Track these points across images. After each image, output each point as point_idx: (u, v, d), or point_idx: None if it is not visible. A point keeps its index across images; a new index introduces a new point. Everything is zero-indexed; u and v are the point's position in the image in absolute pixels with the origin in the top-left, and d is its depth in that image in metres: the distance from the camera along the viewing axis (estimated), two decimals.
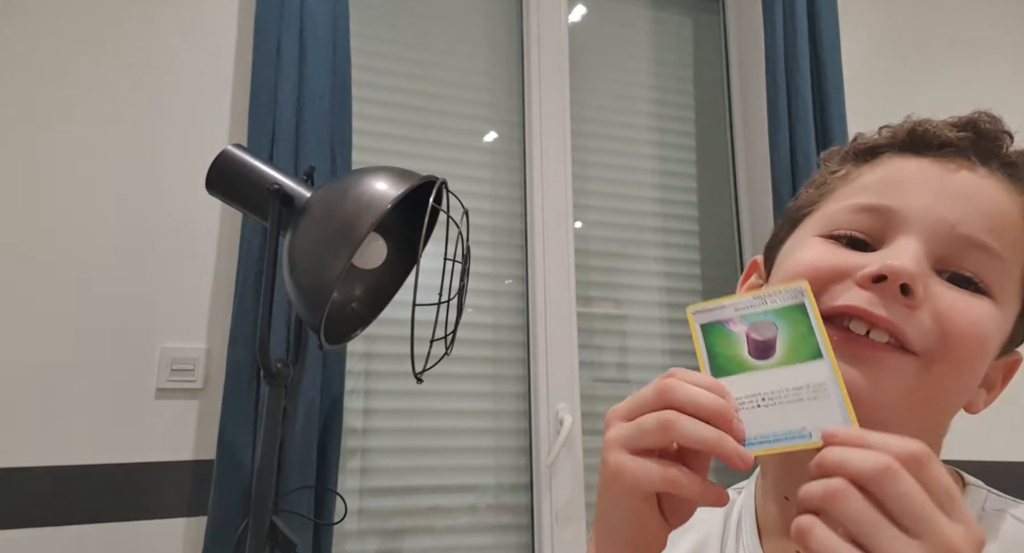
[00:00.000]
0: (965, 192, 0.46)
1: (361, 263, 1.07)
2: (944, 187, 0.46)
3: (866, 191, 0.48)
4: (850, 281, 0.45)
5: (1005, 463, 1.81)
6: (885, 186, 0.48)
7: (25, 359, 1.22)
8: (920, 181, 0.47)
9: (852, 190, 0.50)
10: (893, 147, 0.50)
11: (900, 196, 0.46)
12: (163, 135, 1.37)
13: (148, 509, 1.23)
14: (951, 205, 0.45)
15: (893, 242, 0.45)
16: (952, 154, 0.48)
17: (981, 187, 0.46)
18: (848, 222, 0.48)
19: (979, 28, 2.14)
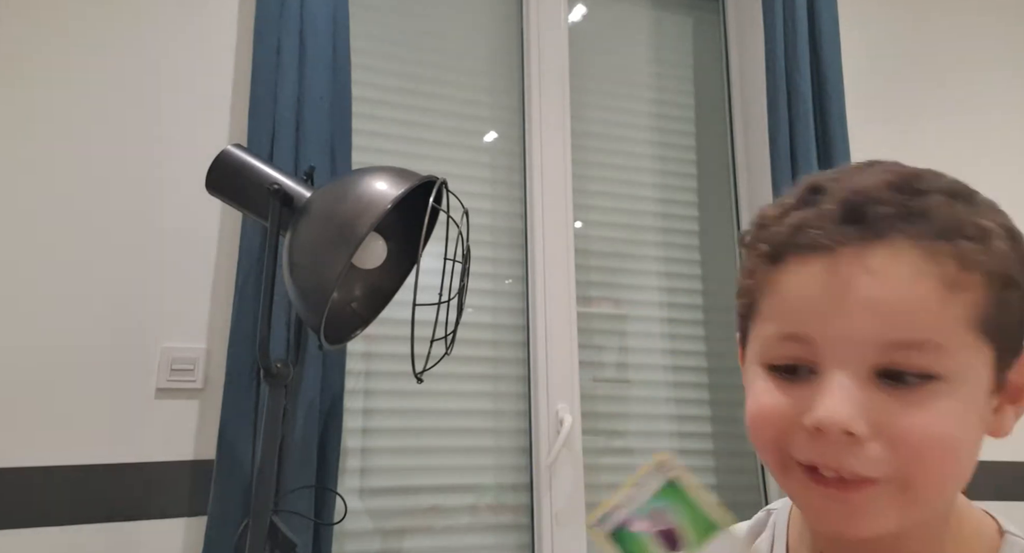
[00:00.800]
0: (868, 299, 0.43)
1: (361, 263, 1.07)
2: (843, 298, 0.43)
3: (781, 316, 0.46)
4: (801, 430, 0.44)
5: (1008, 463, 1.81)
6: (794, 311, 0.45)
7: (25, 359, 1.22)
8: (822, 300, 0.44)
9: (770, 311, 0.47)
10: (788, 248, 0.46)
11: (810, 322, 0.44)
12: (163, 135, 1.37)
13: (148, 509, 1.23)
14: (860, 319, 0.43)
15: (823, 372, 0.44)
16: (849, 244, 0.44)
17: (881, 282, 0.42)
18: (779, 353, 0.46)
19: (979, 27, 2.14)
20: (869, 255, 0.43)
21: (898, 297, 0.42)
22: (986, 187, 0.49)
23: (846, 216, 0.44)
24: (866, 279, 0.43)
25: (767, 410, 0.46)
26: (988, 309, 0.43)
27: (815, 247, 0.45)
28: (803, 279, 0.45)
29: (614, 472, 1.62)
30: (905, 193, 0.44)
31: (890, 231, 0.43)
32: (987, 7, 2.16)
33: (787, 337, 0.46)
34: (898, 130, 1.95)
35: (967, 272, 0.42)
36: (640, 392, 1.69)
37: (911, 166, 0.48)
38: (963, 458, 0.43)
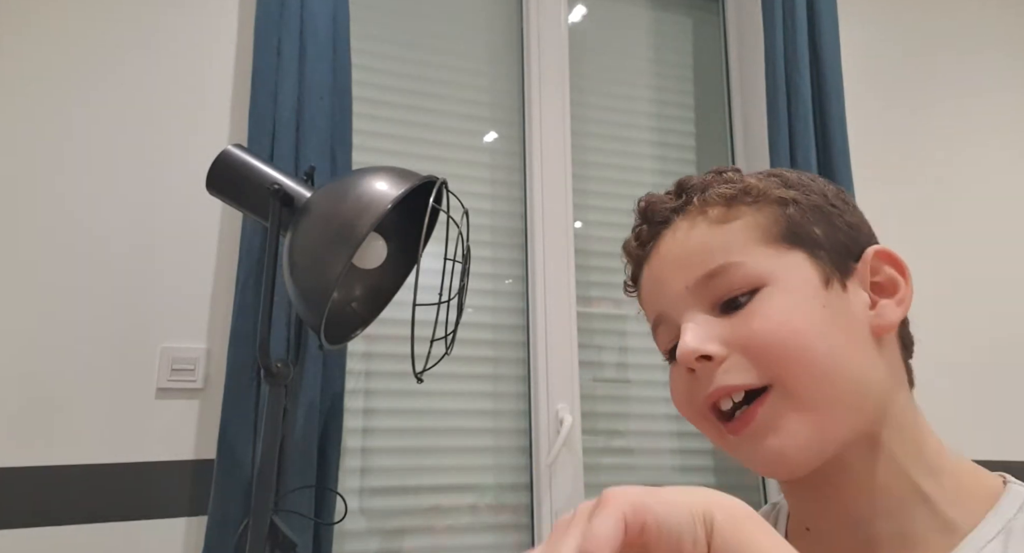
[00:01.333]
0: (667, 262, 0.54)
1: (361, 263, 1.07)
2: (658, 273, 0.55)
3: (647, 315, 0.58)
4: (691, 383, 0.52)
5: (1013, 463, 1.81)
6: (646, 303, 0.57)
7: (25, 359, 1.22)
8: (650, 283, 0.56)
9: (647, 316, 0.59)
10: (636, 267, 0.59)
11: (653, 302, 0.56)
12: (163, 135, 1.37)
13: (148, 509, 1.24)
14: (670, 279, 0.53)
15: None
16: (647, 240, 0.57)
17: (672, 247, 0.54)
18: (662, 342, 0.56)
19: (979, 28, 2.14)
20: (662, 238, 0.56)
21: (686, 247, 0.53)
22: (986, 185, 0.50)
23: (642, 222, 0.58)
24: (665, 252, 0.55)
25: (674, 391, 0.55)
26: (769, 224, 0.52)
27: (638, 255, 0.58)
28: (644, 281, 0.57)
29: (614, 472, 1.62)
30: (672, 190, 0.58)
31: (667, 214, 0.56)
32: (987, 8, 2.17)
33: (654, 327, 0.56)
34: (898, 130, 1.95)
35: (729, 207, 0.53)
36: (640, 392, 1.69)
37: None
38: (814, 344, 0.47)
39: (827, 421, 0.47)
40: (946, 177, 1.94)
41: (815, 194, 0.54)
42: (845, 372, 0.48)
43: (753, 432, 0.48)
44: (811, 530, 0.53)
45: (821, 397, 0.47)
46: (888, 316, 0.51)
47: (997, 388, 1.82)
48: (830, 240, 0.52)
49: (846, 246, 0.52)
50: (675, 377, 0.54)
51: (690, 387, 0.52)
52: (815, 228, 0.52)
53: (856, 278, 0.51)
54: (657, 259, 0.55)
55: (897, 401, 0.50)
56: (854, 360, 0.48)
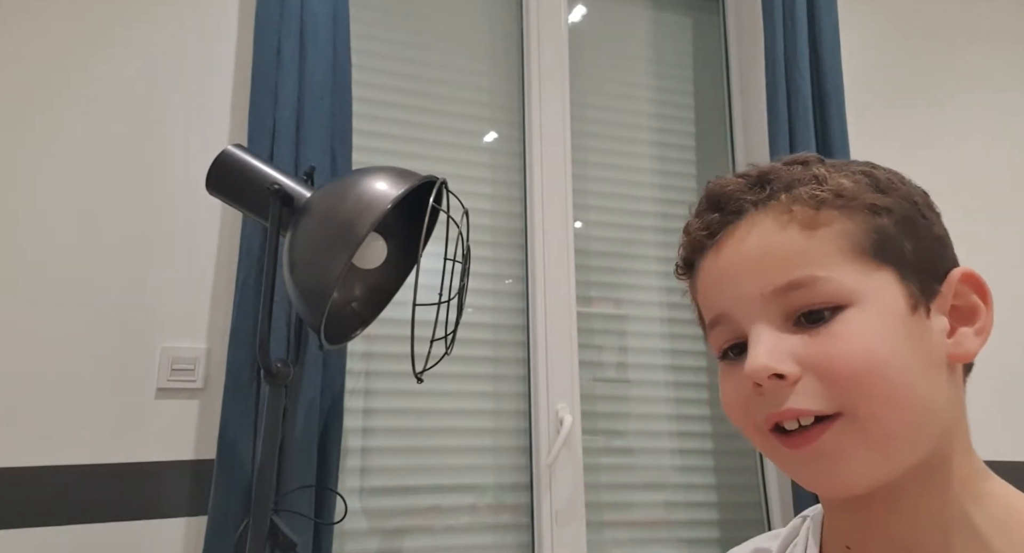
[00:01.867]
0: (743, 260, 0.49)
1: (361, 263, 1.07)
2: (729, 269, 0.50)
3: (705, 310, 0.53)
4: (753, 396, 0.48)
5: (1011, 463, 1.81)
6: (707, 298, 0.53)
7: (25, 359, 1.22)
8: (717, 278, 0.51)
9: (703, 311, 0.55)
10: (692, 254, 0.54)
11: (718, 300, 0.51)
12: (163, 135, 1.37)
13: (148, 509, 1.24)
14: (744, 279, 0.49)
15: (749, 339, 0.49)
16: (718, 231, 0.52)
17: (750, 244, 0.49)
18: (718, 340, 0.52)
19: (979, 27, 2.14)
20: (736, 230, 0.51)
21: (767, 250, 0.48)
22: (987, 185, 0.50)
23: (710, 207, 0.53)
24: (739, 247, 0.50)
25: (728, 396, 0.51)
26: (860, 236, 0.48)
27: (702, 243, 0.53)
28: (704, 272, 0.53)
29: (614, 472, 1.62)
30: (750, 176, 0.52)
31: (743, 206, 0.51)
32: (987, 8, 2.16)
33: (712, 324, 0.52)
34: (898, 129, 1.95)
35: (819, 211, 0.48)
36: (640, 392, 1.69)
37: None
38: (893, 374, 0.45)
39: (892, 453, 0.45)
40: (947, 177, 1.94)
41: (906, 201, 0.50)
42: (919, 405, 0.45)
43: (814, 453, 0.45)
44: (852, 549, 0.52)
45: (891, 430, 0.45)
46: (966, 346, 0.48)
47: (1000, 388, 1.82)
48: (919, 258, 0.48)
49: (933, 265, 0.49)
50: (731, 383, 0.50)
51: (751, 400, 0.48)
52: (905, 242, 0.48)
53: (938, 302, 0.48)
54: (728, 254, 0.50)
55: (958, 428, 0.49)
56: (928, 392, 0.46)
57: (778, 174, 0.51)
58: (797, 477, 0.48)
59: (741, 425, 0.51)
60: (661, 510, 1.63)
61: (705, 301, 0.53)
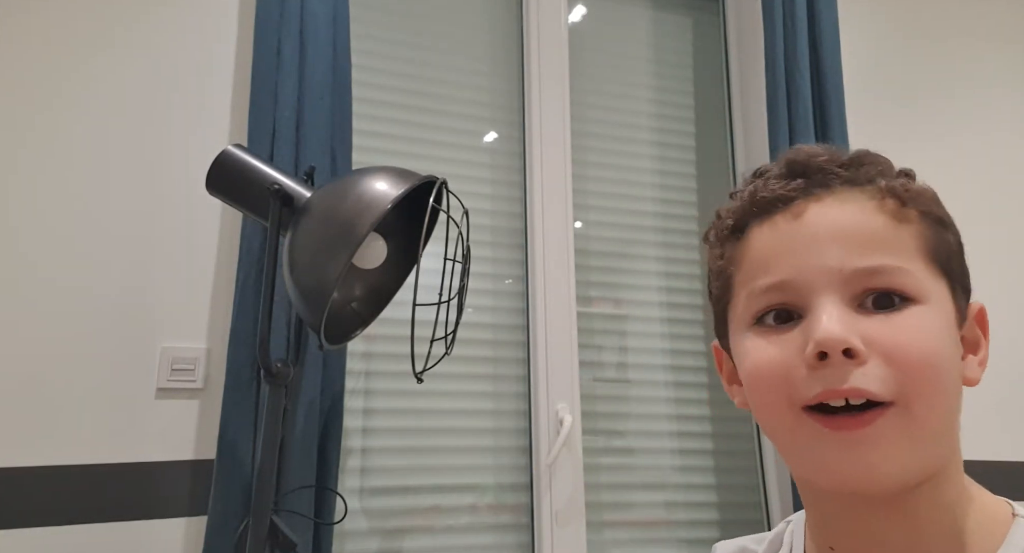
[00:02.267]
0: (825, 232, 0.48)
1: (361, 263, 1.07)
2: (807, 238, 0.48)
3: (758, 273, 0.50)
4: (803, 367, 0.46)
5: (1009, 463, 1.81)
6: (767, 263, 0.49)
7: (25, 359, 1.22)
8: (790, 245, 0.49)
9: (746, 275, 0.51)
10: (750, 217, 0.52)
11: (784, 266, 0.48)
12: (163, 135, 1.37)
13: (148, 509, 1.24)
14: (823, 251, 0.47)
15: (809, 311, 0.47)
16: (799, 196, 0.50)
17: (836, 218, 0.48)
18: (765, 303, 0.49)
19: (980, 26, 2.14)
20: (821, 199, 0.49)
21: (858, 228, 0.47)
22: (988, 184, 0.51)
23: (792, 173, 0.51)
24: (825, 217, 0.48)
25: (764, 362, 0.48)
26: (932, 243, 0.48)
27: (772, 205, 0.50)
28: (769, 235, 0.50)
29: (614, 472, 1.62)
30: (837, 154, 0.51)
31: (832, 179, 0.50)
32: (987, 8, 2.16)
33: (769, 288, 0.49)
34: (898, 129, 1.95)
35: (906, 207, 0.48)
36: (640, 392, 1.69)
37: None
38: (950, 378, 0.46)
39: (929, 452, 0.46)
40: (947, 177, 1.94)
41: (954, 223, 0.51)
42: (954, 408, 0.47)
43: (859, 438, 0.44)
44: (835, 550, 0.52)
45: (935, 428, 0.45)
46: (973, 372, 0.50)
47: (1001, 388, 1.82)
48: (963, 281, 0.50)
49: (967, 292, 0.50)
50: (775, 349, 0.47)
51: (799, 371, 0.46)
52: (958, 263, 0.50)
53: (963, 326, 0.50)
54: (812, 221, 0.48)
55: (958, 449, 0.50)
56: (958, 400, 0.48)
57: (868, 160, 0.51)
58: (826, 461, 0.45)
59: (772, 396, 0.47)
60: (661, 510, 1.63)
61: (758, 267, 0.50)
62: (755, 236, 0.51)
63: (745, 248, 0.52)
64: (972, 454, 0.53)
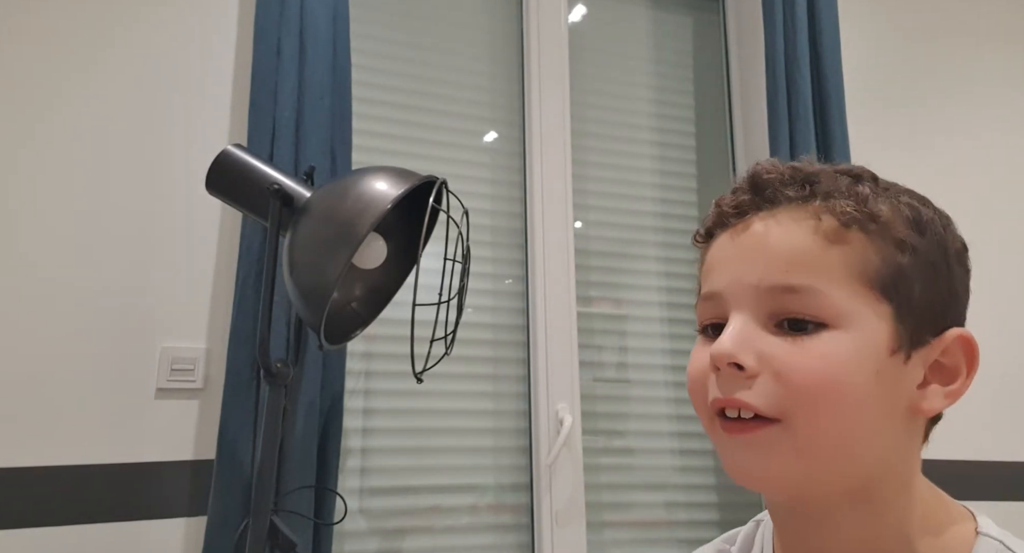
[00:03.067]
0: (753, 248, 0.49)
1: (361, 263, 1.07)
2: (739, 253, 0.50)
3: (705, 280, 0.54)
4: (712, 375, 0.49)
5: (1008, 463, 1.81)
6: (709, 272, 0.53)
7: (25, 359, 1.22)
8: (725, 256, 0.52)
9: (703, 280, 0.55)
10: (715, 226, 0.54)
11: (717, 278, 0.51)
12: (163, 135, 1.37)
13: (148, 509, 1.23)
14: (747, 267, 0.49)
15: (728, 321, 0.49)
16: (748, 211, 0.52)
17: (766, 236, 0.49)
18: (702, 315, 0.53)
19: (979, 26, 2.14)
20: (765, 218, 0.50)
21: (781, 245, 0.48)
22: (988, 184, 0.50)
23: (748, 189, 0.53)
24: (756, 233, 0.50)
25: (692, 367, 0.52)
26: (876, 266, 0.47)
27: (727, 218, 0.53)
28: (717, 246, 0.53)
29: (614, 472, 1.62)
30: (798, 171, 0.52)
31: (778, 196, 0.51)
32: (987, 7, 2.16)
33: (704, 298, 0.52)
34: (898, 129, 1.95)
35: (847, 229, 0.48)
36: (640, 392, 1.69)
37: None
38: (847, 406, 0.46)
39: (814, 469, 0.46)
40: (947, 177, 1.94)
41: (938, 248, 0.49)
42: (858, 437, 0.46)
43: (743, 443, 0.47)
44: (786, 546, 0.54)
45: (821, 448, 0.46)
46: (933, 403, 0.48)
47: (1001, 390, 1.82)
48: (922, 305, 0.48)
49: (934, 318, 0.48)
50: (699, 357, 0.51)
51: (708, 379, 0.49)
52: (916, 286, 0.48)
53: (923, 352, 0.48)
54: (744, 237, 0.50)
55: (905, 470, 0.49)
56: (874, 430, 0.47)
57: (823, 179, 0.51)
58: (724, 461, 0.50)
59: (695, 399, 0.52)
60: (661, 510, 1.63)
61: (706, 274, 0.53)
62: (714, 245, 0.54)
63: (707, 255, 0.55)
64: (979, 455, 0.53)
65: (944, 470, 0.61)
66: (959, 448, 1.68)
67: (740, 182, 0.54)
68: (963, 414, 0.52)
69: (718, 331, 0.50)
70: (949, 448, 1.75)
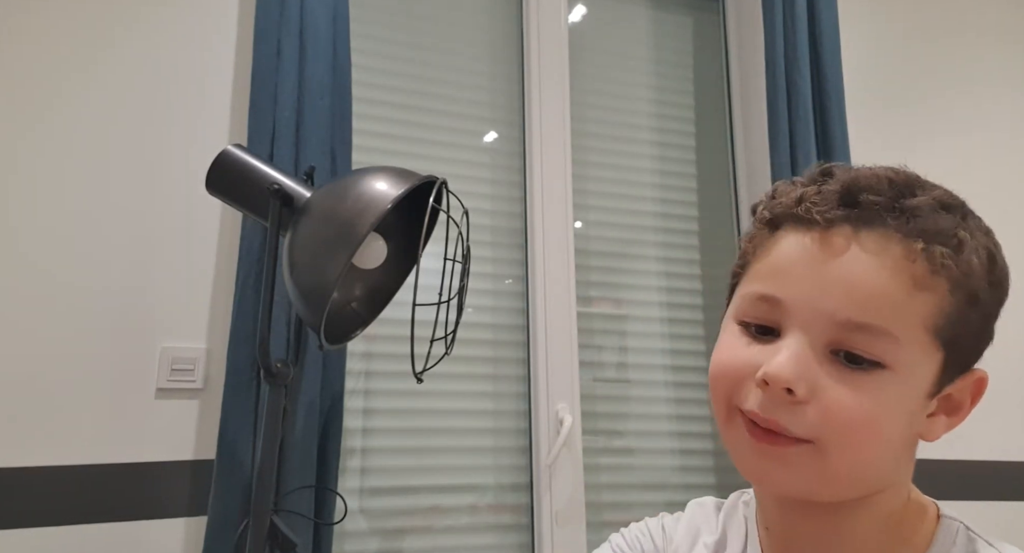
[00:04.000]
0: (841, 277, 0.47)
1: (361, 263, 1.07)
2: (823, 273, 0.47)
3: (763, 277, 0.51)
4: (752, 380, 0.48)
5: (1008, 463, 1.81)
6: (776, 273, 0.50)
7: (25, 359, 1.22)
8: (802, 268, 0.49)
9: (757, 272, 0.52)
10: (788, 219, 0.51)
11: (786, 286, 0.49)
12: (163, 135, 1.37)
13: (148, 509, 1.23)
14: (829, 293, 0.47)
15: (784, 335, 0.48)
16: (838, 224, 0.48)
17: (854, 265, 0.47)
18: (752, 311, 0.51)
19: (979, 26, 2.14)
20: (855, 238, 0.47)
21: (870, 282, 0.46)
22: (989, 184, 0.50)
23: (843, 199, 0.49)
24: (846, 258, 0.47)
25: (727, 360, 0.51)
26: (947, 317, 0.47)
27: (810, 221, 0.49)
28: (791, 247, 0.50)
29: (614, 472, 1.62)
30: (900, 190, 0.48)
31: (877, 221, 0.47)
32: (987, 7, 2.16)
33: (762, 298, 0.50)
34: (898, 129, 1.95)
35: (935, 276, 0.46)
36: (640, 392, 1.69)
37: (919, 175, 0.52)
38: (881, 442, 0.47)
39: (834, 490, 0.49)
40: (947, 177, 1.94)
41: (1000, 298, 0.50)
42: (879, 469, 0.49)
43: (771, 452, 0.48)
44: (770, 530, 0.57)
45: (844, 477, 0.48)
46: (935, 431, 0.50)
47: (1001, 390, 1.81)
48: (968, 353, 0.49)
49: (969, 361, 0.50)
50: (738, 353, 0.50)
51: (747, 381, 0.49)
52: (970, 339, 0.48)
53: (947, 389, 0.49)
54: (828, 255, 0.47)
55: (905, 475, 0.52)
56: (891, 458, 0.49)
57: (927, 214, 0.47)
58: (740, 460, 0.50)
59: (720, 391, 0.51)
60: (661, 510, 1.63)
61: (770, 272, 0.50)
62: (784, 239, 0.51)
63: (771, 244, 0.52)
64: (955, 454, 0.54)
65: (945, 470, 0.62)
66: (960, 448, 1.68)
67: (831, 183, 0.50)
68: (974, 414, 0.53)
69: (762, 333, 0.50)
70: (950, 448, 1.75)
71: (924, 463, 0.54)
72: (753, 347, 0.49)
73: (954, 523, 0.52)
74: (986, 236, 0.50)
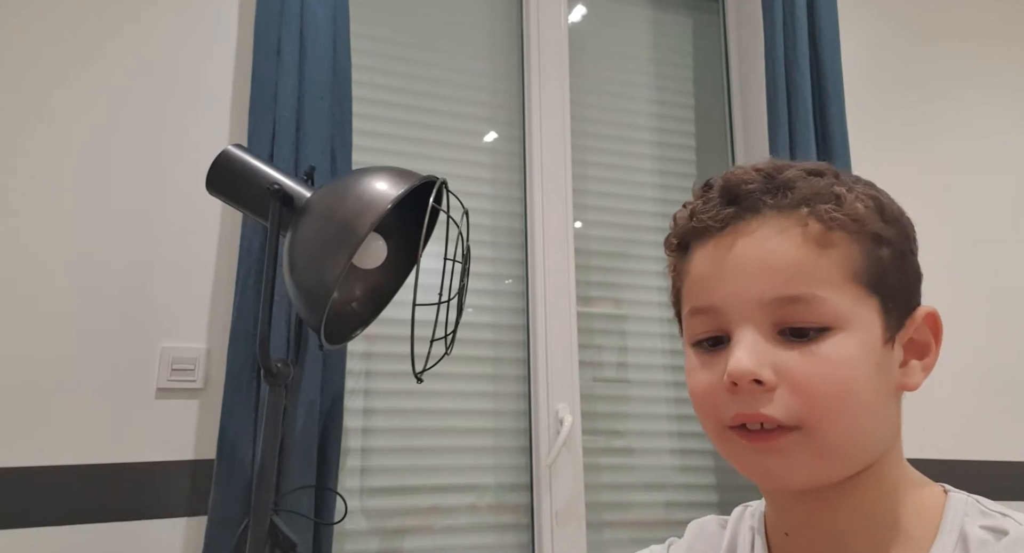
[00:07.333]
0: (749, 262, 0.50)
1: (361, 263, 1.07)
2: (733, 266, 0.50)
3: (693, 294, 0.54)
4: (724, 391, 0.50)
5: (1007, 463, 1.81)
6: (700, 286, 0.53)
7: (25, 359, 1.22)
8: (716, 270, 0.52)
9: (687, 293, 0.55)
10: (691, 236, 0.55)
11: (713, 292, 0.51)
12: (163, 135, 1.37)
13: (148, 509, 1.23)
14: (750, 281, 0.49)
15: (732, 337, 0.50)
16: (731, 222, 0.52)
17: (760, 248, 0.50)
18: (697, 328, 0.53)
19: (980, 25, 2.14)
20: (747, 227, 0.51)
21: (777, 258, 0.49)
22: (989, 185, 0.50)
23: (725, 199, 0.52)
24: (748, 247, 0.50)
25: (696, 385, 0.53)
26: (860, 263, 0.49)
27: (708, 230, 0.53)
28: (703, 258, 0.53)
29: (614, 472, 1.62)
30: (769, 174, 0.53)
31: (760, 205, 0.51)
32: (987, 7, 2.16)
33: (697, 312, 0.53)
34: (898, 129, 1.95)
35: (832, 231, 0.49)
36: (640, 392, 1.69)
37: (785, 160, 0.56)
38: (859, 402, 0.48)
39: (834, 465, 0.49)
40: (947, 177, 1.94)
41: (904, 235, 0.52)
42: (869, 429, 0.49)
43: (767, 449, 0.49)
44: (790, 535, 0.57)
45: (840, 448, 0.49)
46: (914, 378, 0.52)
47: (999, 390, 1.82)
48: (901, 292, 0.51)
49: (908, 301, 0.52)
50: (706, 374, 0.52)
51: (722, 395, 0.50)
52: (894, 276, 0.51)
53: (902, 334, 0.51)
54: (735, 250, 0.51)
55: (893, 444, 0.53)
56: (878, 418, 0.50)
57: (800, 183, 0.51)
58: (747, 468, 0.52)
59: (704, 415, 0.53)
60: (661, 510, 1.63)
61: (694, 287, 0.54)
62: (696, 256, 0.54)
63: (687, 264, 0.55)
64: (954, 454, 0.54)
65: (945, 470, 0.62)
66: (960, 448, 1.68)
67: (711, 191, 0.54)
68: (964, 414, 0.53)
69: (714, 344, 0.52)
70: (950, 448, 1.75)
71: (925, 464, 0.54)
72: (713, 362, 0.51)
73: (960, 496, 0.53)
74: (865, 186, 0.53)
